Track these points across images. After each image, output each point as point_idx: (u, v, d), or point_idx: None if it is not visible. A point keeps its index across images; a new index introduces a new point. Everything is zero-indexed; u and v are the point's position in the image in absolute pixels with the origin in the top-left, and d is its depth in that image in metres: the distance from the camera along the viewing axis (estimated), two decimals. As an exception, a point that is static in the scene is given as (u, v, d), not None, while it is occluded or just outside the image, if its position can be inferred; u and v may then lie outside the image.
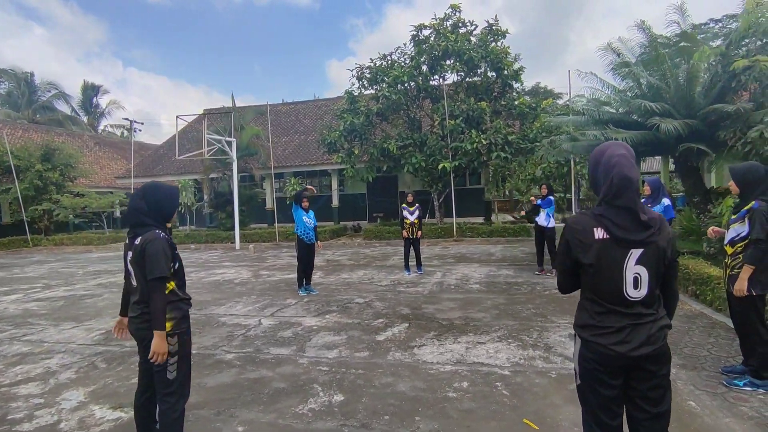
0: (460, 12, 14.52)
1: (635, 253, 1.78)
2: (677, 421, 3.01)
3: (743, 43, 6.66)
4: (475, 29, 14.60)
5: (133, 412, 3.32)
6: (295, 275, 9.18)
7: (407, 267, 9.05)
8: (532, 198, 8.35)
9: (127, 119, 43.00)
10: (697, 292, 5.96)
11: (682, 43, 7.60)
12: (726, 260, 3.54)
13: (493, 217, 18.92)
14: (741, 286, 3.33)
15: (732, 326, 4.27)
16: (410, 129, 15.55)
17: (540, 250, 8.50)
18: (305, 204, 7.59)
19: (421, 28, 14.29)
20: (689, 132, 6.69)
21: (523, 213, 18.05)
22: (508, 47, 14.26)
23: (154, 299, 2.37)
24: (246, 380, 3.94)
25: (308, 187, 7.95)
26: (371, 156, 15.45)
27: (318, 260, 11.41)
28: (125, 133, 45.68)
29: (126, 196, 19.94)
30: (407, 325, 5.44)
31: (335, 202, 19.12)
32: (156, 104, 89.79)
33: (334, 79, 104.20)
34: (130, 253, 2.52)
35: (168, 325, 2.48)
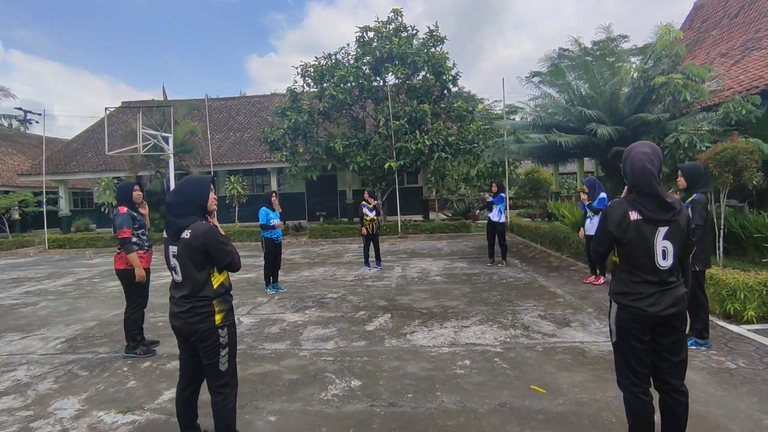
0: (402, 16, 15.03)
1: (662, 230, 2.23)
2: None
3: (659, 61, 7.83)
4: (416, 34, 15.20)
5: (149, 414, 3.26)
6: (253, 275, 9.06)
7: (367, 262, 9.28)
8: (486, 195, 9.02)
9: (20, 109, 37.96)
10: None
11: (608, 58, 8.72)
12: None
13: (432, 215, 19.75)
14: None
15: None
16: (354, 129, 15.76)
17: (491, 243, 9.20)
18: (274, 203, 7.53)
19: (366, 29, 14.55)
20: (619, 137, 7.72)
21: (477, 212, 19.08)
22: (447, 53, 15.04)
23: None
24: (254, 375, 3.93)
25: (274, 191, 7.89)
26: (315, 155, 15.41)
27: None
28: (14, 124, 40.31)
29: (34, 196, 17.78)
30: (390, 315, 5.69)
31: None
32: (48, 93, 79.93)
33: (255, 76, 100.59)
34: (173, 248, 2.49)
35: (218, 317, 2.51)
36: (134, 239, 4.46)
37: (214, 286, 2.51)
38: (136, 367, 4.22)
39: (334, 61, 15.01)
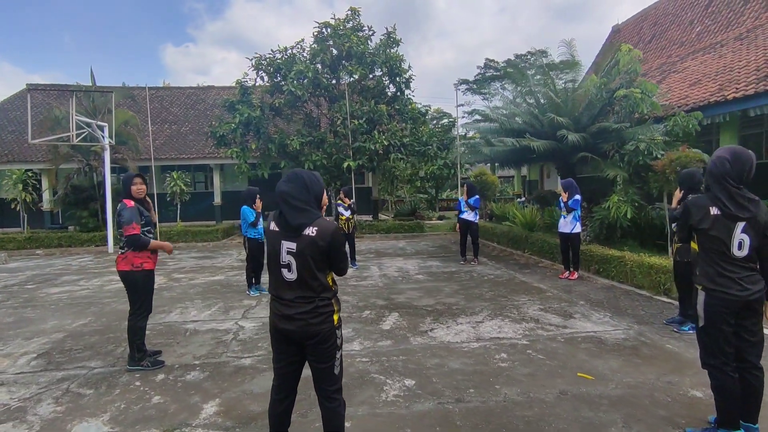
0: (359, 16, 14.97)
1: (740, 224, 2.50)
2: (672, 359, 3.99)
3: (617, 76, 8.66)
4: (372, 34, 15.22)
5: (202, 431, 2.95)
6: (221, 277, 8.52)
7: (342, 262, 9.11)
8: (464, 196, 9.30)
9: None
10: (599, 270, 7.56)
11: (566, 70, 9.45)
12: (674, 239, 4.75)
13: (381, 216, 19.87)
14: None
15: (639, 290, 5.69)
16: (308, 126, 15.38)
17: (464, 242, 9.50)
18: (259, 204, 7.13)
19: (325, 26, 14.26)
20: (584, 143, 8.40)
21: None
22: (402, 55, 15.25)
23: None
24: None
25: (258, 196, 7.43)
26: (268, 152, 14.79)
27: (231, 261, 10.59)
28: None
29: None
30: (397, 314, 5.65)
31: (217, 199, 17.61)
32: None
33: (170, 65, 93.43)
34: (289, 244, 2.26)
35: (336, 317, 2.34)
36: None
37: (331, 286, 2.34)
38: (151, 381, 3.77)
39: (289, 55, 14.52)
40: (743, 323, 2.56)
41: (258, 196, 7.26)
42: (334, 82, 15.17)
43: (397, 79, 15.33)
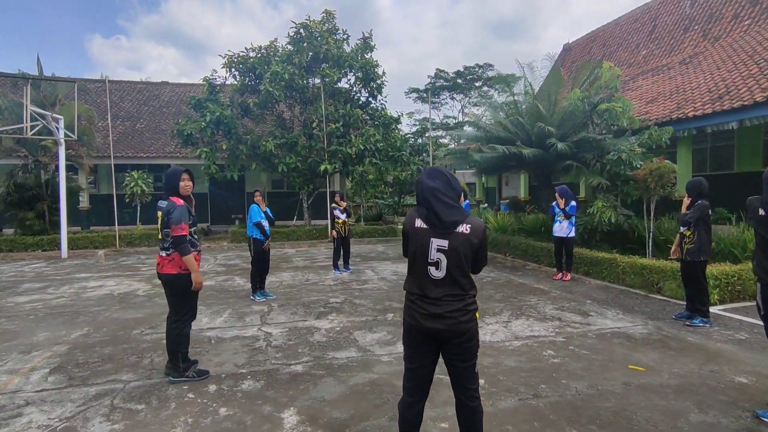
0: (334, 18, 14.87)
1: None
2: (701, 350, 4.34)
3: (599, 90, 9.32)
4: (347, 38, 15.16)
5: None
6: (211, 282, 8.09)
7: (336, 266, 8.98)
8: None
9: None
10: (589, 271, 8.03)
11: (550, 83, 10.00)
12: (685, 240, 5.18)
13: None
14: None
15: (633, 289, 6.15)
16: (281, 128, 14.99)
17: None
18: (258, 199, 6.82)
19: (303, 27, 13.99)
20: (570, 152, 8.93)
21: None
22: (377, 61, 15.32)
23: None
24: (367, 384, 3.61)
25: (257, 189, 7.11)
26: (238, 153, 14.22)
27: (212, 266, 10.05)
28: None
29: None
30: (421, 316, 5.65)
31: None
32: None
33: (98, 58, 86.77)
34: (440, 241, 2.22)
35: (477, 315, 2.34)
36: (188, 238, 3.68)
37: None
38: (204, 393, 3.50)
39: (264, 55, 14.09)
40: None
41: (258, 191, 6.92)
42: (308, 84, 14.92)
43: (372, 84, 15.39)
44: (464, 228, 2.22)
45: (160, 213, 3.64)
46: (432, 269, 2.24)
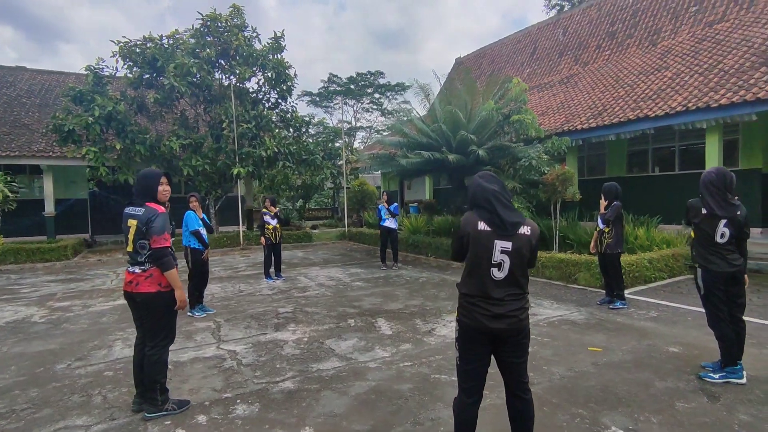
0: (243, 14, 14.07)
1: (723, 221, 3.54)
2: (632, 329, 5.08)
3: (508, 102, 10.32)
4: (257, 36, 14.47)
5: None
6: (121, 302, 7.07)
7: (267, 274, 8.53)
8: (385, 204, 9.64)
9: None
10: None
11: (461, 93, 10.79)
12: (604, 236, 6.02)
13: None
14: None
15: (553, 281, 7.02)
16: (185, 127, 13.69)
17: (384, 249, 9.88)
18: (194, 205, 6.20)
19: (213, 20, 12.93)
20: (489, 158, 9.72)
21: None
22: (289, 62, 14.89)
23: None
24: (370, 393, 3.53)
25: (193, 194, 6.42)
26: (134, 153, 12.65)
27: (116, 282, 8.78)
28: None
29: None
30: (382, 319, 5.68)
31: (50, 209, 14.10)
32: None
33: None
34: (506, 243, 2.30)
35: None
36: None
37: None
38: (196, 426, 3.11)
39: (166, 45, 12.74)
40: (731, 290, 3.60)
41: (195, 196, 6.30)
42: (214, 80, 13.89)
43: (282, 86, 14.90)
44: (525, 230, 2.35)
45: (133, 222, 3.13)
46: (494, 270, 2.32)
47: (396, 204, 9.73)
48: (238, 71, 13.17)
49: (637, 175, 12.89)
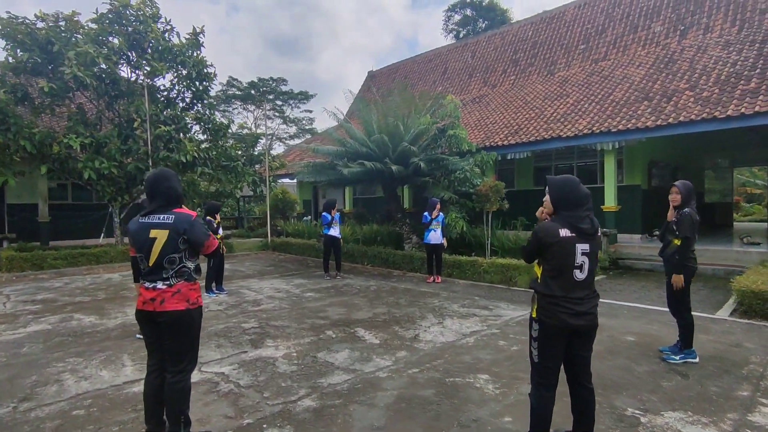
0: (156, 5, 12.81)
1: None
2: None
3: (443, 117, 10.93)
4: (172, 29, 13.26)
5: None
6: (47, 327, 6.03)
7: (210, 288, 7.84)
8: (333, 212, 9.47)
9: None
10: (452, 273, 9.33)
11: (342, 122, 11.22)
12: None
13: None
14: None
15: (496, 284, 7.67)
16: (84, 124, 11.94)
17: (327, 258, 9.71)
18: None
19: (124, 5, 11.46)
20: (428, 169, 10.19)
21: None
22: (209, 61, 13.90)
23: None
24: (401, 401, 3.51)
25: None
26: (14, 151, 10.68)
27: (14, 304, 7.33)
28: None
29: None
30: (361, 328, 5.63)
31: None
32: None
33: None
34: (585, 246, 2.51)
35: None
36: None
37: None
38: (231, 455, 2.80)
39: (63, 27, 11.00)
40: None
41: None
42: (123, 75, 12.39)
43: (199, 85, 13.84)
44: (599, 232, 2.62)
45: (162, 232, 2.73)
46: (577, 272, 2.54)
47: (338, 213, 9.66)
48: (149, 67, 11.90)
49: (542, 188, 14.50)
